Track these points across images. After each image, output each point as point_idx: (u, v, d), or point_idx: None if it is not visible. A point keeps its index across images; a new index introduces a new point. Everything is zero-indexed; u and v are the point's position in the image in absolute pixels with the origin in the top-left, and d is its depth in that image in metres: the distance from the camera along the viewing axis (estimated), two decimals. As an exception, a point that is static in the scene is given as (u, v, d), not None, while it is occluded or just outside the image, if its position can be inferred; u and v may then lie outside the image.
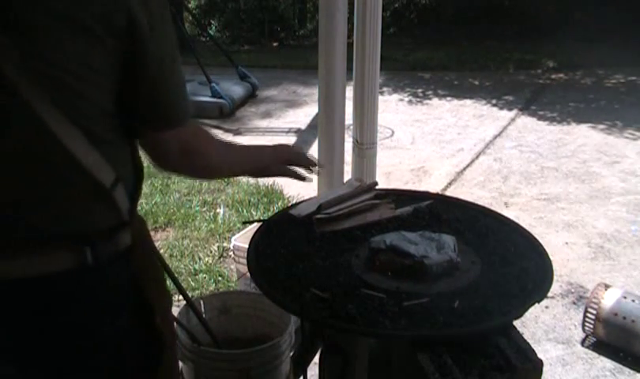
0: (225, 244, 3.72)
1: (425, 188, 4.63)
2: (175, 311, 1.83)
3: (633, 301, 2.69)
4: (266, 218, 1.89)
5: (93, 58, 0.99)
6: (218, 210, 4.26)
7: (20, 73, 0.94)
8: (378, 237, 1.47)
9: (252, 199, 4.37)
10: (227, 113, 7.02)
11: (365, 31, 2.89)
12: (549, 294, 1.51)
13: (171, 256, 3.58)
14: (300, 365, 1.78)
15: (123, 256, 1.10)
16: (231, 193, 4.54)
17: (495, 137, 6.17)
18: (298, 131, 6.41)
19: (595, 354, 2.75)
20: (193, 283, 3.30)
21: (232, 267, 3.36)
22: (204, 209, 4.27)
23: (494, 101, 7.61)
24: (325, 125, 2.99)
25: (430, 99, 7.93)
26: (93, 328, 1.07)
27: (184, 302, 1.86)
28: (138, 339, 1.14)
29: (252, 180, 4.66)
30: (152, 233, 3.87)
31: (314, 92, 5.74)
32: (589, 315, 2.76)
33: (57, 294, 1.03)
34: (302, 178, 1.55)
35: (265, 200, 4.37)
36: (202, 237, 3.83)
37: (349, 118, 3.13)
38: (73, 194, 1.04)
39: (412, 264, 1.37)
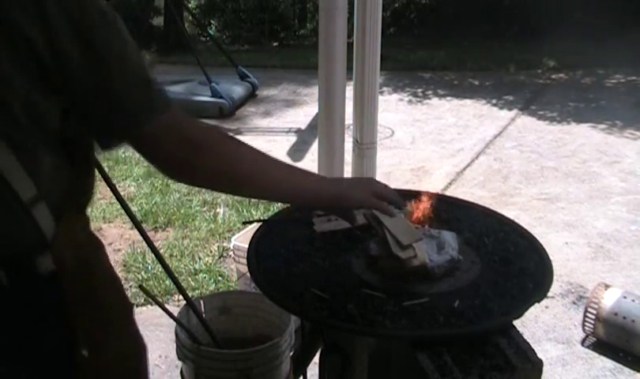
0: (225, 244, 3.72)
1: (425, 188, 4.62)
2: (175, 311, 1.83)
3: (633, 301, 2.69)
4: (266, 218, 1.88)
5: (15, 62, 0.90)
6: (218, 210, 4.26)
7: None
8: (377, 241, 1.46)
9: (252, 199, 4.38)
10: (227, 113, 7.03)
11: (365, 31, 2.90)
12: (549, 294, 1.51)
13: (171, 256, 3.58)
14: (300, 365, 1.78)
15: (48, 280, 1.00)
16: (231, 192, 4.53)
17: (495, 137, 6.17)
18: (298, 131, 6.41)
19: (595, 354, 2.75)
20: (193, 283, 3.30)
21: (232, 267, 3.36)
22: (204, 209, 4.27)
23: (494, 101, 7.61)
24: (325, 125, 2.99)
25: (430, 98, 7.93)
26: (10, 350, 1.00)
27: (184, 302, 1.86)
28: (59, 368, 1.07)
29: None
30: (152, 233, 3.91)
31: (314, 92, 5.75)
32: (589, 315, 2.76)
33: None
34: (391, 214, 1.31)
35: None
36: (202, 237, 3.84)
37: (349, 118, 3.13)
38: None
39: (413, 268, 1.36)
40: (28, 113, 0.92)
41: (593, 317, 2.73)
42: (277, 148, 5.90)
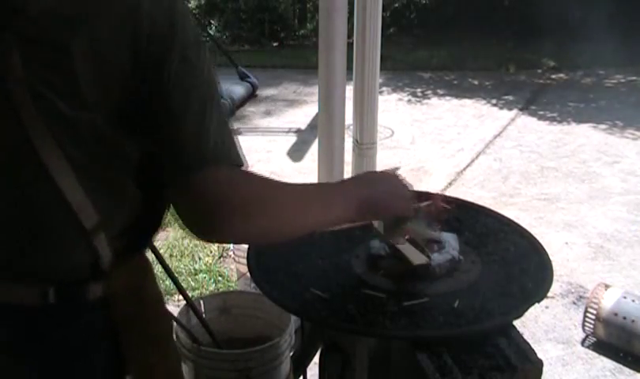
0: (225, 244, 3.72)
1: (425, 188, 4.62)
2: (175, 311, 1.83)
3: (633, 301, 2.69)
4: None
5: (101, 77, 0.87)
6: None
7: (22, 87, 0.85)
8: (377, 241, 1.46)
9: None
10: (227, 113, 7.03)
11: (365, 31, 2.89)
12: (549, 294, 1.51)
13: (171, 256, 3.58)
14: (300, 365, 1.79)
15: (95, 306, 0.98)
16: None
17: (495, 137, 6.17)
18: (298, 131, 6.41)
19: (595, 354, 2.75)
20: (193, 283, 3.30)
21: (232, 267, 3.36)
22: (204, 209, 4.26)
23: (494, 101, 7.61)
24: (325, 125, 2.99)
25: (430, 98, 7.93)
26: (55, 370, 0.98)
27: (184, 302, 1.86)
28: None
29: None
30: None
31: (314, 92, 5.74)
32: (589, 315, 2.76)
33: (18, 325, 0.95)
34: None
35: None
36: (202, 237, 3.83)
37: (349, 118, 3.12)
38: (48, 231, 0.92)
39: (414, 268, 1.36)
40: (99, 140, 0.89)
41: (593, 317, 2.73)
42: (277, 148, 5.90)
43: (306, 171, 5.03)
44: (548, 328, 2.94)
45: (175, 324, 1.76)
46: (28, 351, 0.96)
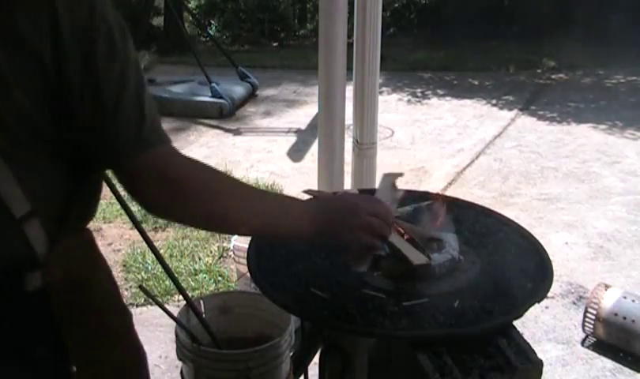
0: (225, 244, 3.72)
1: (425, 188, 4.62)
2: (175, 311, 1.83)
3: (633, 301, 2.69)
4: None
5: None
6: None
7: None
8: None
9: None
10: (227, 113, 7.03)
11: (365, 31, 2.90)
12: (549, 294, 1.51)
13: (171, 256, 3.58)
14: (300, 365, 1.79)
15: (34, 296, 0.96)
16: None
17: (495, 137, 6.17)
18: (298, 131, 6.41)
19: (595, 354, 2.75)
20: (193, 283, 3.30)
21: (232, 267, 3.36)
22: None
23: (494, 101, 7.61)
24: (325, 125, 2.99)
25: (429, 99, 7.93)
26: None
27: (184, 302, 1.86)
28: None
29: (251, 178, 4.66)
30: (151, 233, 3.90)
31: (314, 92, 5.75)
32: (589, 315, 2.76)
33: None
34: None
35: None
36: (202, 237, 3.83)
37: (349, 118, 3.13)
38: None
39: (414, 268, 1.36)
40: (26, 127, 0.89)
41: (593, 317, 2.73)
42: (277, 148, 5.91)
43: (306, 171, 5.03)
44: (548, 328, 2.94)
45: (175, 324, 1.76)
46: None
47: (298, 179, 4.88)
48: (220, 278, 3.37)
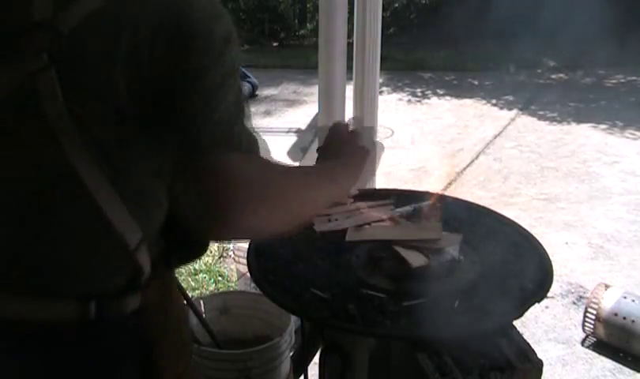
0: (225, 244, 3.72)
1: (425, 188, 4.62)
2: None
3: (633, 301, 2.69)
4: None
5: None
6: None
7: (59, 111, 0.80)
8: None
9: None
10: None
11: (365, 31, 2.90)
12: (549, 294, 1.51)
13: (171, 256, 3.57)
14: (300, 365, 1.79)
15: (130, 318, 0.96)
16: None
17: (495, 137, 6.17)
18: (298, 131, 6.41)
19: (595, 354, 2.75)
20: (193, 283, 3.30)
21: (232, 267, 3.36)
22: (204, 209, 4.26)
23: (494, 101, 7.61)
24: (325, 125, 2.98)
25: (429, 98, 7.94)
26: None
27: (184, 302, 1.86)
28: None
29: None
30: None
31: (314, 92, 5.75)
32: (589, 315, 2.76)
33: (56, 342, 0.92)
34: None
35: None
36: (202, 237, 3.83)
37: (349, 117, 3.12)
38: (88, 250, 0.89)
39: (415, 268, 1.36)
40: (129, 150, 0.85)
41: (593, 317, 2.73)
42: (277, 148, 5.91)
43: (306, 171, 5.02)
44: (548, 328, 2.94)
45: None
46: (62, 369, 0.93)
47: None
48: (220, 278, 3.37)
